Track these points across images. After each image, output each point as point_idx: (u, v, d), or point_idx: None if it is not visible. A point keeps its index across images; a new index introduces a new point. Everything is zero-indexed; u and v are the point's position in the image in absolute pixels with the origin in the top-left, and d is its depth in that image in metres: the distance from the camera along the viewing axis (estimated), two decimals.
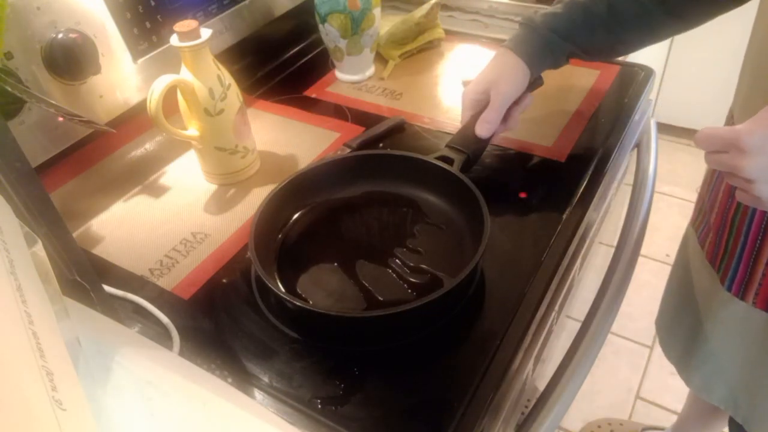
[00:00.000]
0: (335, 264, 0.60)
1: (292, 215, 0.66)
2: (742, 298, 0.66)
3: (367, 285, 0.58)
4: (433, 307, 0.51)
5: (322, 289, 0.58)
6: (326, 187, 0.68)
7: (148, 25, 0.73)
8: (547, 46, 0.68)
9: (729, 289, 0.67)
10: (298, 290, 0.58)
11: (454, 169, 0.64)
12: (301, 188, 0.66)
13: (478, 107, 0.69)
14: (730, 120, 0.67)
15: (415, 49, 0.97)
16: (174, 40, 0.63)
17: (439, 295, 0.50)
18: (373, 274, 0.59)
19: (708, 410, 1.09)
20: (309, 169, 0.66)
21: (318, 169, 0.67)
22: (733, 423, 0.85)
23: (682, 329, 0.80)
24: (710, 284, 0.71)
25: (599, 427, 1.31)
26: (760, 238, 0.61)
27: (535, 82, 0.71)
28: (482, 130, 0.67)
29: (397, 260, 0.60)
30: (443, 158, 0.66)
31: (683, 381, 0.82)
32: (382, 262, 0.60)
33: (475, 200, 0.59)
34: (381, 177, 0.68)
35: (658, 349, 1.50)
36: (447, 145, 0.69)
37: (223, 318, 0.57)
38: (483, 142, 0.69)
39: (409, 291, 0.57)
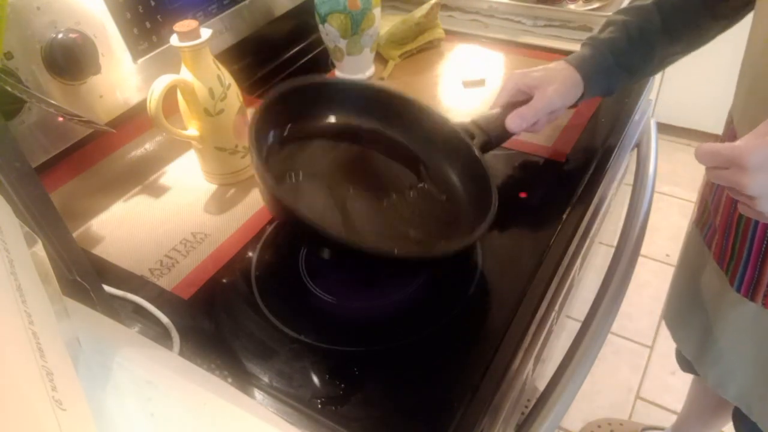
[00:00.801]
0: (325, 184, 0.58)
1: (301, 116, 0.63)
2: (752, 299, 0.66)
3: (350, 214, 0.56)
4: (408, 265, 0.49)
5: (305, 203, 0.56)
6: (342, 107, 0.65)
7: (148, 25, 0.73)
8: (606, 71, 0.67)
9: (738, 290, 0.67)
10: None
11: (475, 145, 0.62)
12: (319, 94, 0.63)
13: (517, 98, 0.68)
14: (730, 125, 0.67)
15: (415, 49, 0.97)
16: (174, 40, 0.63)
17: (423, 256, 0.48)
18: (361, 208, 0.57)
19: (708, 409, 1.09)
20: (334, 81, 0.65)
21: (342, 85, 0.65)
22: (737, 420, 0.85)
23: (695, 327, 0.80)
24: (719, 285, 0.71)
25: (599, 427, 1.31)
26: (766, 240, 0.61)
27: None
28: (513, 124, 0.65)
29: (388, 204, 0.58)
30: (466, 131, 0.65)
31: (701, 376, 0.82)
32: (374, 200, 0.58)
33: (485, 182, 0.57)
34: (398, 121, 0.65)
35: (658, 349, 1.50)
36: (473, 121, 0.66)
37: (223, 318, 0.57)
38: (506, 134, 0.67)
39: (391, 243, 0.55)
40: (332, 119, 0.65)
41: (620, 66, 0.68)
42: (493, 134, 0.66)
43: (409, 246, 0.54)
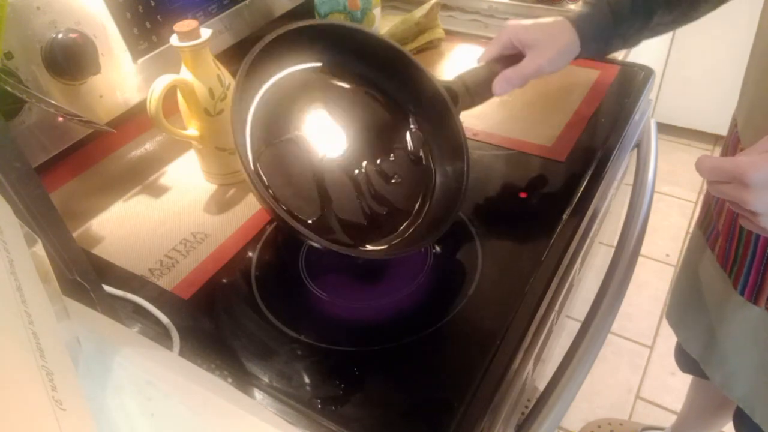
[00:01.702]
0: (305, 155, 0.58)
1: (289, 65, 0.61)
2: (755, 302, 0.66)
3: (328, 191, 0.57)
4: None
5: (283, 175, 0.56)
6: (331, 50, 0.63)
7: (148, 25, 0.73)
8: (603, 31, 0.65)
9: (742, 294, 0.67)
10: (260, 169, 0.56)
11: (458, 109, 0.61)
12: (309, 37, 0.61)
13: (508, 51, 0.65)
14: (734, 129, 0.66)
15: (415, 49, 0.97)
16: (174, 40, 0.63)
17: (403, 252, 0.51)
18: (337, 181, 0.58)
19: (708, 410, 1.09)
20: (324, 23, 0.62)
21: (334, 27, 0.62)
22: (738, 420, 0.84)
23: (699, 328, 0.80)
24: (723, 287, 0.71)
25: (599, 427, 1.31)
26: None
27: None
28: (500, 89, 0.63)
29: (364, 176, 0.58)
30: (450, 91, 0.63)
31: (708, 376, 0.82)
32: (350, 172, 0.58)
33: (460, 148, 0.58)
34: (389, 72, 0.64)
35: (658, 349, 1.50)
36: (459, 77, 0.65)
37: (223, 318, 0.57)
38: (490, 94, 0.65)
39: (365, 219, 0.56)
40: (323, 63, 0.63)
41: (618, 26, 0.65)
42: (477, 93, 0.64)
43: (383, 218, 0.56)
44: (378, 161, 0.60)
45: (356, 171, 0.59)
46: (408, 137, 0.64)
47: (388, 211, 0.58)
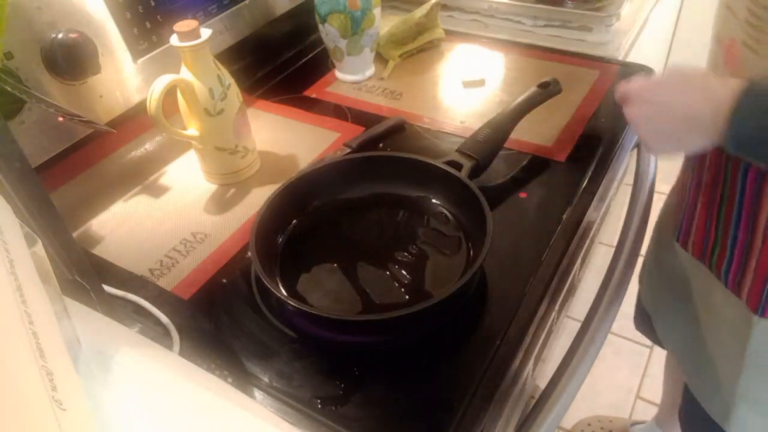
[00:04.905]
0: (335, 265, 0.60)
1: (295, 217, 0.66)
2: (739, 290, 0.66)
3: (364, 287, 0.58)
4: (424, 314, 0.51)
5: (321, 289, 0.58)
6: (330, 189, 0.67)
7: (148, 25, 0.73)
8: None
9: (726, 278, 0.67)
10: (298, 289, 0.58)
11: (462, 174, 0.64)
12: (303, 190, 0.65)
13: None
14: None
15: (415, 49, 0.97)
16: (174, 40, 0.63)
17: (426, 306, 0.50)
18: (372, 277, 0.59)
19: (678, 393, 1.09)
20: (311, 171, 0.66)
21: (320, 171, 0.67)
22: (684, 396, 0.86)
23: (660, 288, 0.83)
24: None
25: (589, 425, 1.31)
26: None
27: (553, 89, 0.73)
28: None
29: (396, 264, 0.60)
30: (452, 163, 0.66)
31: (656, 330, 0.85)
32: (382, 265, 0.60)
33: (480, 209, 0.59)
34: (386, 179, 0.68)
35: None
36: (458, 150, 0.68)
37: (223, 318, 0.57)
38: (495, 148, 0.69)
39: (406, 296, 0.57)
40: (325, 203, 0.67)
41: None
42: (481, 155, 0.68)
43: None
44: (408, 248, 0.62)
45: (389, 263, 0.60)
46: (432, 218, 0.66)
47: (427, 283, 0.59)
